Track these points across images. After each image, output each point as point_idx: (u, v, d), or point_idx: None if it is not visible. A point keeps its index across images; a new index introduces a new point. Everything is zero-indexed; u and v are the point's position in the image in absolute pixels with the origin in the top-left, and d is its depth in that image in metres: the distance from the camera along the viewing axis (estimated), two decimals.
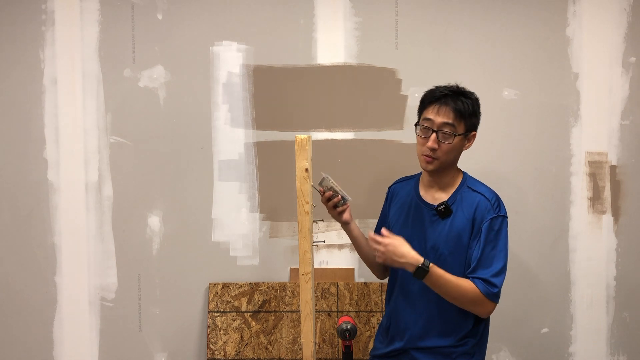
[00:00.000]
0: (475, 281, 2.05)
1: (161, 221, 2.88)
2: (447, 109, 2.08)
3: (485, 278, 2.05)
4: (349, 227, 2.32)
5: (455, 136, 2.08)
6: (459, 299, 2.06)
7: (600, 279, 2.84)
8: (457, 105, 2.08)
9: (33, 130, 2.86)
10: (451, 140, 2.08)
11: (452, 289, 2.04)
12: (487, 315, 2.12)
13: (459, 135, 2.09)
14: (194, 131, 2.86)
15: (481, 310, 2.08)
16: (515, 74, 2.81)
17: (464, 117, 2.09)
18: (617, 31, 2.80)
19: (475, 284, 2.04)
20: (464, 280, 2.05)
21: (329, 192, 2.23)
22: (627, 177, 2.83)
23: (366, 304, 2.80)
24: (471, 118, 2.11)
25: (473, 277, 2.06)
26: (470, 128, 2.13)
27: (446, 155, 2.10)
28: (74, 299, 2.89)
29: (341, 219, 2.29)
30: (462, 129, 2.09)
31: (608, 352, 2.85)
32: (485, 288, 2.04)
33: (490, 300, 2.06)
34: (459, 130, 2.09)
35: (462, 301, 2.06)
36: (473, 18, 2.81)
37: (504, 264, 2.09)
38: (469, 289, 2.04)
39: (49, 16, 2.85)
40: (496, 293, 2.06)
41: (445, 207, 2.13)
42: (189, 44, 2.85)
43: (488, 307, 2.08)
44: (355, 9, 2.82)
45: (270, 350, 2.81)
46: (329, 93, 2.84)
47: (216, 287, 2.84)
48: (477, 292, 2.04)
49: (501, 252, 2.09)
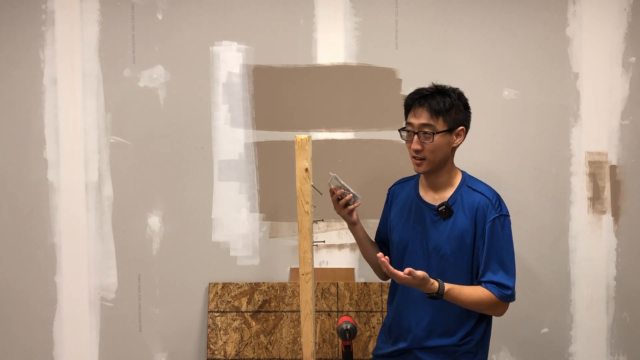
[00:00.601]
0: (488, 286, 2.08)
1: (161, 221, 2.88)
2: (421, 110, 2.10)
3: (497, 281, 2.08)
4: (355, 228, 2.30)
5: (435, 134, 2.08)
6: (477, 307, 2.10)
7: (600, 279, 2.84)
8: (431, 105, 2.08)
9: (33, 130, 2.86)
10: (431, 139, 2.08)
11: (468, 302, 2.07)
12: (503, 314, 2.16)
13: (440, 133, 2.08)
14: (194, 131, 2.86)
15: (499, 312, 2.14)
16: (515, 74, 2.81)
17: (441, 114, 2.08)
18: (617, 31, 2.80)
19: (489, 289, 2.08)
20: (478, 289, 2.08)
21: (340, 191, 2.20)
22: (627, 177, 2.83)
23: (366, 304, 2.80)
24: (450, 114, 2.10)
25: (485, 283, 2.09)
26: (454, 124, 2.11)
27: (433, 155, 2.10)
28: (74, 299, 2.89)
29: (351, 218, 2.27)
30: (442, 126, 2.09)
31: (608, 352, 2.85)
32: (499, 292, 2.08)
33: (506, 302, 2.11)
34: (438, 127, 2.08)
35: (480, 309, 2.11)
36: (473, 18, 2.81)
37: (512, 263, 2.11)
38: (485, 296, 2.07)
39: (49, 16, 2.84)
40: (510, 295, 2.10)
41: (446, 207, 2.13)
42: (189, 44, 2.85)
43: (503, 308, 2.13)
44: (355, 9, 2.82)
45: (270, 350, 2.81)
46: (329, 93, 2.84)
47: (216, 287, 2.84)
48: (493, 297, 2.08)
49: (508, 252, 2.10)
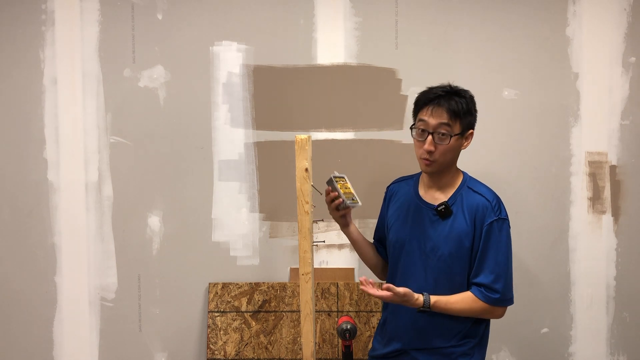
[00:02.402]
0: (474, 290, 2.08)
1: (161, 221, 2.88)
2: (441, 110, 2.07)
3: (486, 284, 2.07)
4: (348, 230, 2.29)
5: (452, 137, 2.07)
6: (470, 314, 2.10)
7: (600, 279, 2.84)
8: (451, 105, 2.06)
9: (33, 130, 2.86)
10: (448, 141, 2.06)
11: (458, 311, 2.08)
12: (501, 317, 2.15)
13: (456, 135, 2.08)
14: (194, 131, 2.86)
15: (496, 315, 2.13)
16: (515, 74, 2.81)
17: (459, 117, 2.07)
18: (617, 31, 2.80)
19: (475, 294, 2.07)
20: (465, 297, 2.08)
21: (334, 193, 2.18)
22: (627, 177, 2.83)
23: (366, 304, 2.80)
24: (466, 117, 2.09)
25: (474, 285, 2.09)
26: (467, 127, 2.11)
27: (444, 157, 2.09)
28: (74, 299, 2.89)
29: (343, 221, 2.25)
30: (458, 128, 2.08)
31: (608, 352, 2.85)
32: (484, 296, 2.07)
33: (496, 306, 2.09)
34: (455, 130, 2.07)
35: (474, 315, 2.11)
36: (473, 18, 2.81)
37: (506, 267, 2.10)
38: (472, 303, 2.07)
39: (49, 16, 2.85)
40: (498, 298, 2.07)
41: (446, 208, 2.12)
42: (189, 44, 2.85)
43: (497, 311, 2.12)
44: (355, 9, 2.82)
45: (270, 350, 2.81)
46: (329, 93, 2.84)
47: (216, 287, 2.84)
48: (480, 302, 2.07)
49: (503, 256, 2.09)
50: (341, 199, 2.17)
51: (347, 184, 2.22)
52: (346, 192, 2.20)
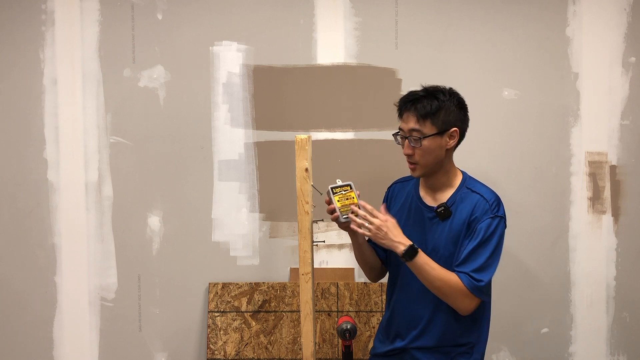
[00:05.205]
0: (460, 275, 2.05)
1: (161, 221, 2.88)
2: (409, 115, 2.10)
3: (470, 272, 2.04)
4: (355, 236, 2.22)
5: (423, 139, 2.07)
6: (442, 289, 2.04)
7: (600, 279, 2.84)
8: (417, 109, 2.07)
9: (33, 130, 2.86)
10: (419, 143, 2.07)
11: (436, 278, 2.04)
12: (467, 313, 2.09)
13: (429, 137, 2.07)
14: (194, 131, 2.86)
15: (462, 305, 2.06)
16: (515, 74, 2.81)
17: (428, 117, 2.07)
18: (617, 31, 2.80)
19: (460, 278, 2.04)
20: (450, 273, 2.05)
21: (332, 206, 2.12)
22: (627, 177, 2.83)
23: (366, 304, 2.80)
24: (438, 116, 2.07)
25: (458, 271, 2.05)
26: (445, 125, 2.09)
27: (424, 158, 2.09)
28: (73, 299, 2.89)
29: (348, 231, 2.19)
30: (430, 129, 2.07)
31: (608, 352, 2.85)
32: (469, 282, 2.03)
33: (474, 295, 2.05)
34: (426, 131, 2.07)
35: (445, 292, 2.05)
36: (473, 18, 2.81)
37: (493, 262, 2.07)
38: (453, 280, 2.04)
39: (49, 16, 2.85)
40: (480, 288, 2.04)
41: (445, 209, 2.12)
42: (189, 44, 2.85)
43: (470, 302, 2.06)
44: (355, 9, 2.82)
45: (270, 350, 2.81)
46: (329, 93, 2.84)
47: (216, 287, 2.84)
48: (461, 285, 2.03)
49: (493, 251, 2.07)
50: (337, 213, 2.11)
51: (352, 193, 2.13)
52: (347, 204, 2.11)
